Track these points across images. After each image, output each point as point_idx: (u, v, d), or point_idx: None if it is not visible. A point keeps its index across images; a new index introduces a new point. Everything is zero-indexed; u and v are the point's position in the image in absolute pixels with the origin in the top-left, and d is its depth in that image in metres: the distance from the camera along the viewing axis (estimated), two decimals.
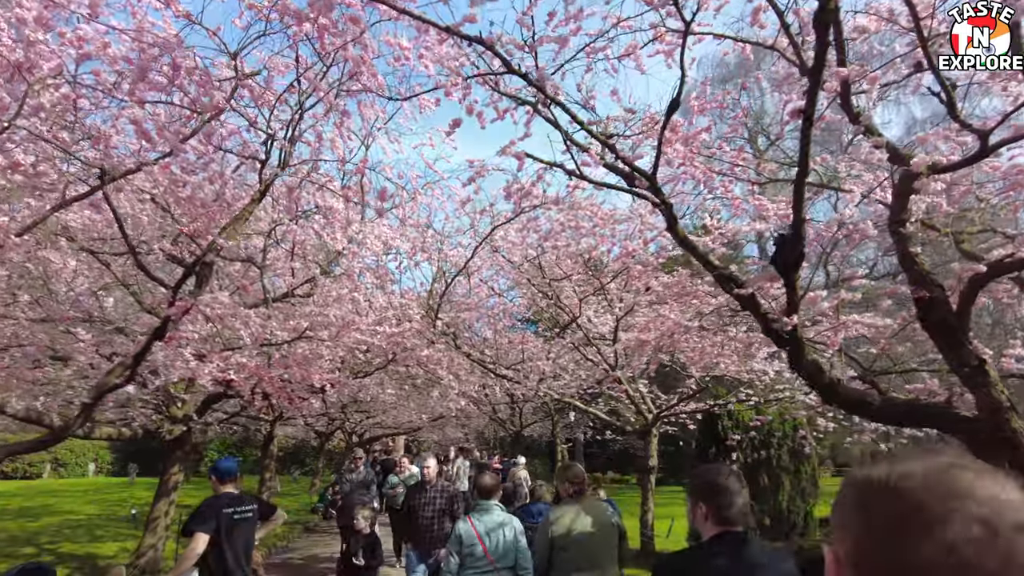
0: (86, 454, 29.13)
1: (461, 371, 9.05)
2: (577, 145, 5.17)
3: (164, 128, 4.23)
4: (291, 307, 7.80)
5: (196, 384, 9.44)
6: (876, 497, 0.71)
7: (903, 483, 0.69)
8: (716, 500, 2.19)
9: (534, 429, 25.59)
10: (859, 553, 0.70)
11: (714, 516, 2.18)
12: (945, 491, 0.66)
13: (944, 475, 0.68)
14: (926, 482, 0.68)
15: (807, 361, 4.19)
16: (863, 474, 0.75)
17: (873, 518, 0.70)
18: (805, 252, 3.60)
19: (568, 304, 9.68)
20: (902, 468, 0.71)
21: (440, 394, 10.01)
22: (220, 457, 23.99)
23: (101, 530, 13.23)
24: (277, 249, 9.17)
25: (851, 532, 0.72)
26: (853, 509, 0.73)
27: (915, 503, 0.66)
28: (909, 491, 0.68)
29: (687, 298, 7.65)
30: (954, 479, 0.67)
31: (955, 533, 0.63)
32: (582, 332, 10.02)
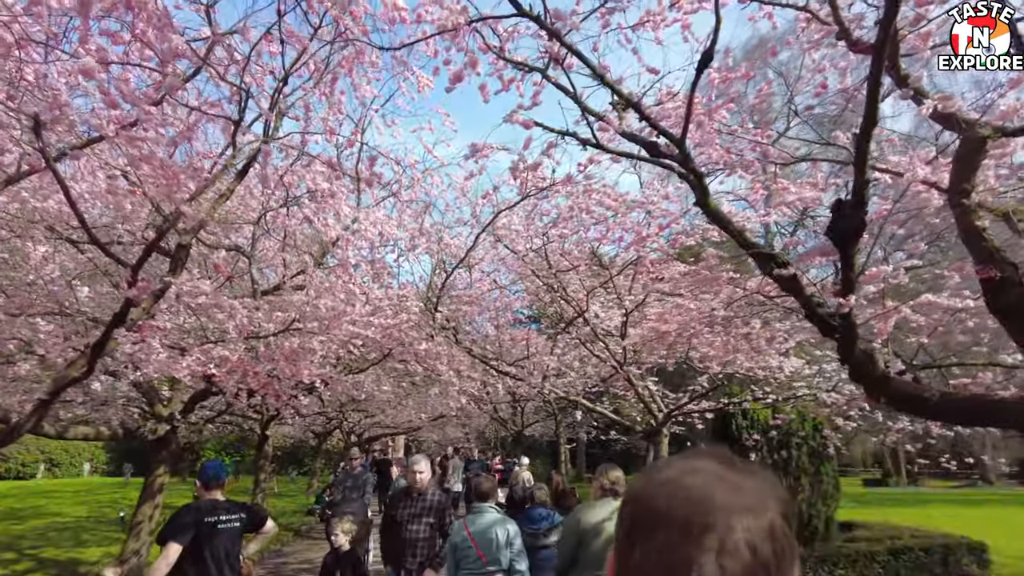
0: (81, 454, 28.58)
1: (462, 367, 8.49)
2: (592, 114, 4.63)
3: (129, 91, 3.67)
4: (280, 299, 7.26)
5: (181, 381, 8.94)
6: (628, 501, 0.77)
7: (644, 490, 0.74)
8: None
9: (535, 429, 25.11)
10: (615, 548, 0.77)
11: None
12: (667, 496, 0.71)
13: (674, 481, 0.72)
14: (657, 489, 0.72)
15: (859, 351, 3.64)
16: (634, 479, 0.82)
17: (622, 519, 0.76)
18: (866, 221, 3.05)
19: (575, 297, 9.14)
20: (651, 475, 0.76)
21: (440, 392, 9.45)
22: (215, 457, 23.54)
23: (88, 533, 12.68)
24: (267, 240, 8.63)
25: (620, 537, 0.76)
26: (620, 519, 0.78)
27: (644, 508, 0.72)
28: (643, 497, 0.73)
29: (712, 285, 7.10)
30: (679, 485, 0.71)
31: (662, 537, 0.68)
32: (589, 327, 9.48)
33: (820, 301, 3.84)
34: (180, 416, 8.84)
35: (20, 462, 26.17)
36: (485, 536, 4.29)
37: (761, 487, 0.72)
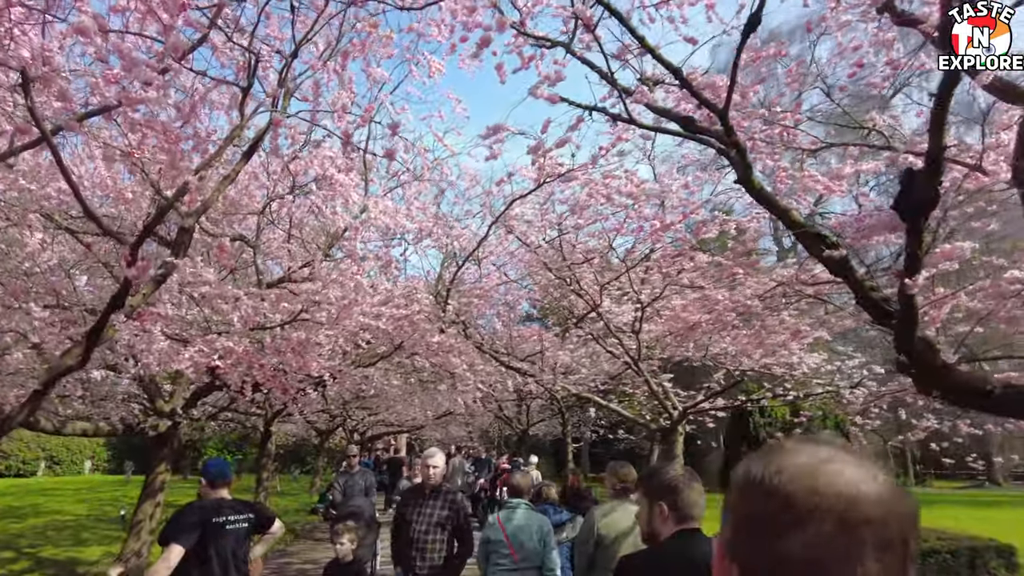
0: (82, 452, 28.32)
1: (476, 362, 8.18)
2: (622, 89, 4.34)
3: (129, 55, 3.37)
4: (287, 290, 6.98)
5: (184, 375, 8.65)
6: (751, 492, 0.73)
7: (774, 480, 0.71)
8: (675, 498, 2.22)
9: (539, 428, 24.76)
10: (735, 545, 0.74)
11: (674, 514, 2.21)
12: (810, 487, 0.68)
13: (813, 471, 0.70)
14: (795, 478, 0.70)
15: (918, 339, 3.35)
16: (744, 468, 0.77)
17: (748, 513, 0.73)
18: (940, 193, 2.75)
19: (588, 291, 8.84)
20: (778, 463, 0.72)
21: (452, 386, 9.15)
22: (217, 455, 23.33)
23: (88, 532, 12.40)
24: (273, 231, 8.34)
25: (730, 525, 0.75)
26: (734, 502, 0.76)
27: (783, 500, 0.69)
28: (778, 488, 0.70)
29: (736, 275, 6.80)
30: (821, 474, 0.69)
31: (813, 530, 0.66)
32: (603, 322, 9.19)
33: (873, 285, 3.55)
34: (182, 412, 8.56)
35: (21, 459, 25.89)
36: (519, 533, 4.23)
37: (889, 478, 0.71)
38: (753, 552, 0.71)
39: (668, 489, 2.25)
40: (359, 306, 5.66)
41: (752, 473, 0.74)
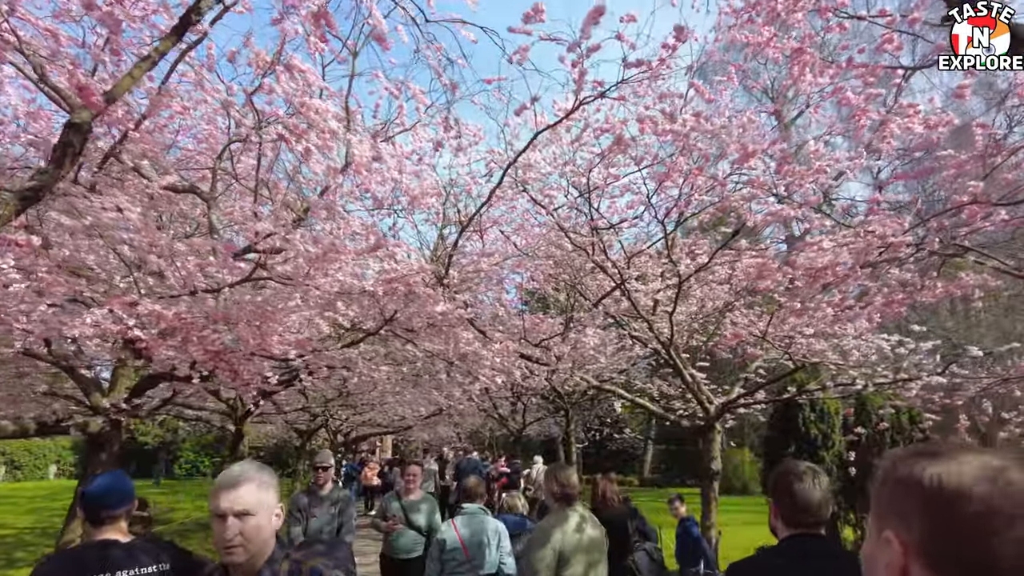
0: (46, 455, 26.15)
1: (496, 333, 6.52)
2: None
3: None
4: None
5: (129, 364, 6.97)
6: (948, 498, 0.73)
7: (974, 486, 0.72)
8: (785, 499, 2.01)
9: (531, 428, 23.21)
10: (930, 548, 0.74)
11: (784, 516, 2.02)
12: (1012, 492, 0.70)
13: (999, 477, 0.72)
14: (994, 484, 0.71)
15: None
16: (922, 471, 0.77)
17: (947, 518, 0.72)
18: None
19: (616, 263, 7.30)
20: (960, 469, 0.74)
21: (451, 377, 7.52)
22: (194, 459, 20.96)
23: (24, 550, 10.57)
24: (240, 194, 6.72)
25: (920, 526, 0.75)
26: (922, 506, 0.75)
27: (989, 506, 0.70)
28: (981, 494, 0.71)
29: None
30: (1009, 481, 0.71)
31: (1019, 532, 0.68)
32: (629, 301, 7.66)
33: None
34: (125, 406, 6.86)
35: None
36: (473, 537, 4.10)
37: None
38: (957, 558, 0.71)
39: (776, 487, 2.04)
40: (335, 262, 4.05)
41: (944, 478, 0.75)
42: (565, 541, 3.22)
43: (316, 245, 4.38)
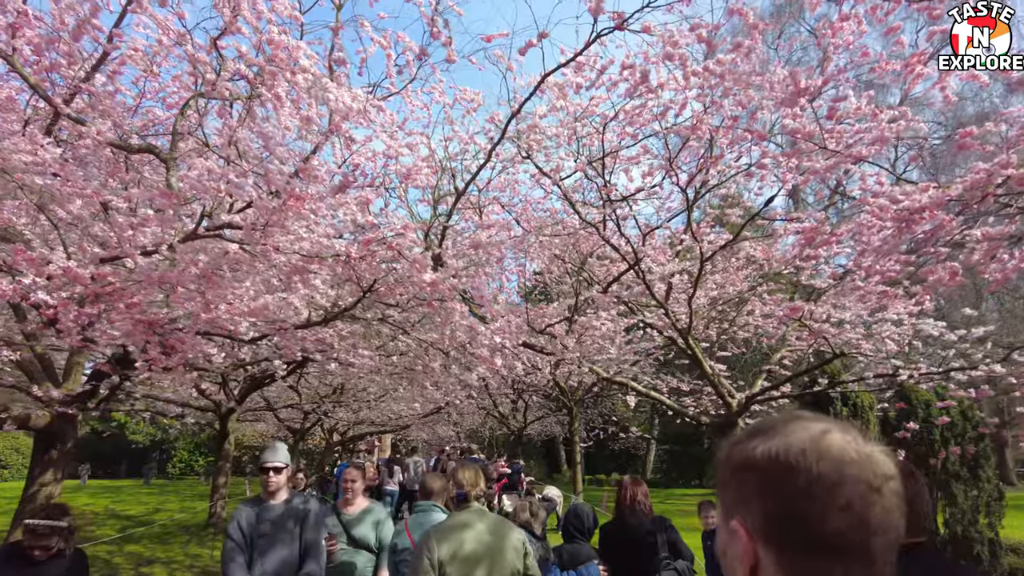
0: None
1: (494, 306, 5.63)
2: None
3: None
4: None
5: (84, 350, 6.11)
6: (778, 472, 0.71)
7: (799, 456, 0.70)
8: None
9: (533, 427, 22.34)
10: (771, 529, 0.71)
11: None
12: (831, 458, 0.68)
13: (824, 443, 0.70)
14: (816, 453, 0.69)
15: None
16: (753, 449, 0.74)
17: (780, 494, 0.70)
18: None
19: (631, 240, 6.46)
20: (787, 441, 0.72)
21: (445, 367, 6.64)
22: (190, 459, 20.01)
23: None
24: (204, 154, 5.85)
25: (759, 508, 0.72)
26: (757, 486, 0.73)
27: (812, 475, 0.68)
28: (805, 463, 0.69)
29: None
30: (832, 445, 0.69)
31: (848, 494, 0.67)
32: (643, 284, 6.81)
33: None
34: (79, 399, 6.01)
35: None
36: None
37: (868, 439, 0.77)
38: (793, 535, 0.69)
39: None
40: (299, 212, 3.18)
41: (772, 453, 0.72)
42: (449, 549, 2.75)
43: (271, 188, 3.50)
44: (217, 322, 3.64)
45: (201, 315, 3.62)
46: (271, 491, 3.39)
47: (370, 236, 3.65)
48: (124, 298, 3.26)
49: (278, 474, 3.44)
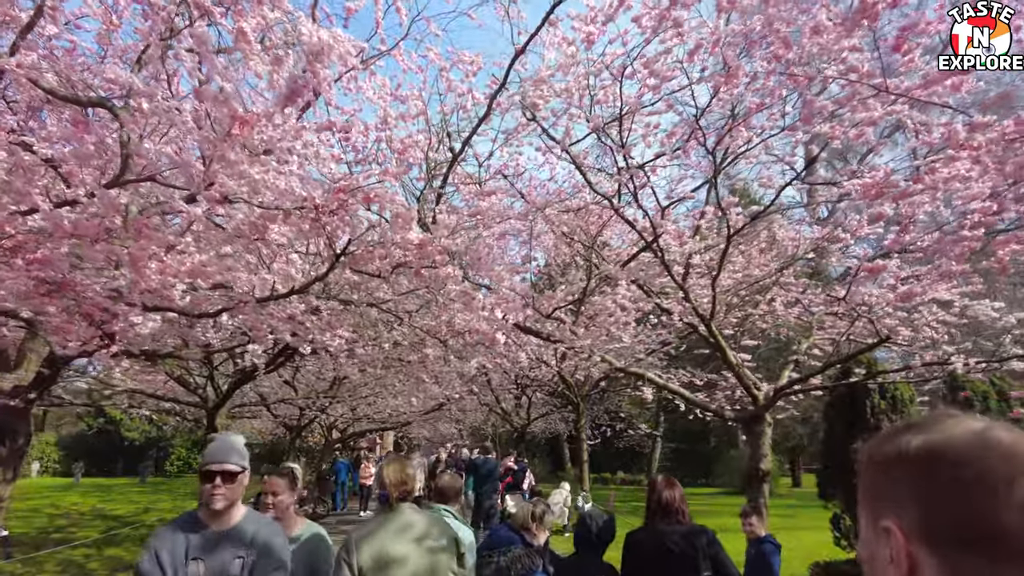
0: (30, 452, 24.58)
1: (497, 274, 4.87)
2: None
3: None
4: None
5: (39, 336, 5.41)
6: (940, 467, 0.63)
7: (962, 450, 0.63)
8: None
9: (537, 424, 21.61)
10: (932, 528, 0.63)
11: None
12: (1003, 452, 0.61)
13: (991, 436, 0.63)
14: (983, 446, 0.62)
15: None
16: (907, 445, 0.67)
17: (943, 489, 0.62)
18: None
19: (650, 212, 5.72)
20: (947, 435, 0.65)
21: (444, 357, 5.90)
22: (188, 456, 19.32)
23: None
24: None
25: (916, 506, 0.64)
26: (914, 482, 0.65)
27: (983, 468, 0.61)
28: (970, 458, 0.62)
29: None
30: (1002, 439, 0.62)
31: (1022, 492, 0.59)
32: (661, 264, 6.08)
33: None
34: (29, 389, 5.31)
35: None
36: None
37: None
38: (961, 533, 0.61)
39: None
40: (250, 138, 2.46)
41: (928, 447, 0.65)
42: (371, 553, 2.52)
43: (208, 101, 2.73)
44: (148, 285, 2.91)
45: (141, 283, 2.90)
46: (215, 509, 2.20)
47: (343, 184, 2.93)
48: (24, 252, 2.55)
49: (229, 483, 2.22)
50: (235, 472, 2.27)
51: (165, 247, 2.71)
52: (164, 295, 2.85)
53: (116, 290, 2.88)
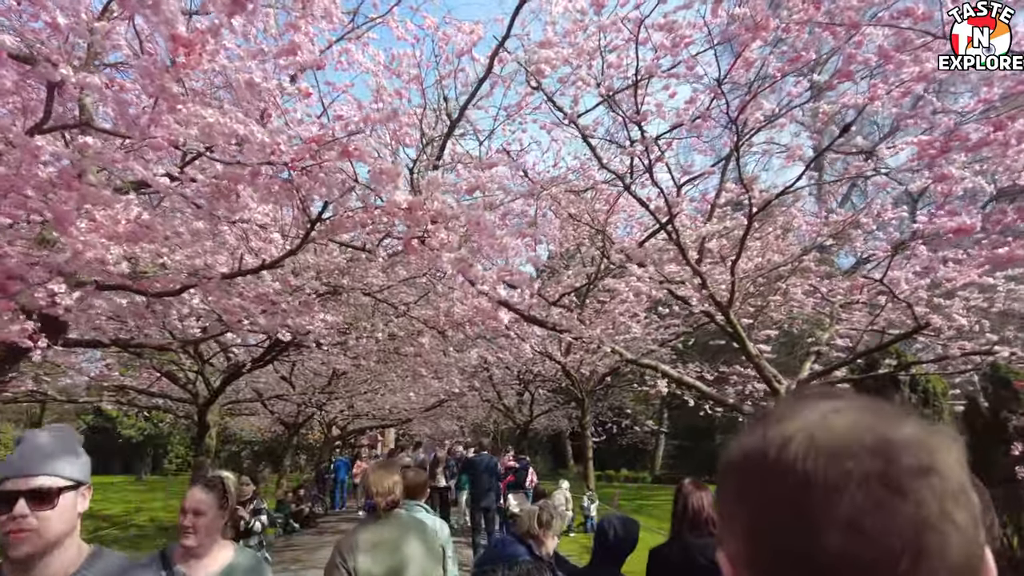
0: None
1: None
2: None
3: None
4: None
5: None
6: (757, 477, 0.49)
7: (783, 452, 0.47)
8: None
9: (539, 421, 21.18)
10: (754, 554, 0.49)
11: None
12: (830, 449, 0.45)
13: (824, 428, 0.47)
14: (808, 444, 0.46)
15: None
16: (736, 448, 0.53)
17: (759, 505, 0.48)
18: None
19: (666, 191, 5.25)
20: (777, 431, 0.49)
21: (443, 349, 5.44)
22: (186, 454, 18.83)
23: None
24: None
25: (738, 526, 0.50)
26: (735, 496, 0.51)
27: (801, 475, 0.45)
28: (791, 461, 0.46)
29: None
30: (835, 430, 0.47)
31: (853, 502, 0.43)
32: (676, 246, 5.61)
33: None
34: None
35: None
36: None
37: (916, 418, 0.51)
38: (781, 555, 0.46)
39: None
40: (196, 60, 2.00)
41: (749, 451, 0.50)
42: (366, 563, 2.46)
43: None
44: (98, 261, 2.45)
45: (78, 246, 2.44)
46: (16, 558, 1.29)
47: (317, 134, 2.47)
48: None
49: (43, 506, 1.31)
50: (50, 491, 1.31)
51: (103, 204, 2.25)
52: (105, 268, 2.39)
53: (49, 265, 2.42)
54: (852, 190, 19.26)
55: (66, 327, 3.46)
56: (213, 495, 2.18)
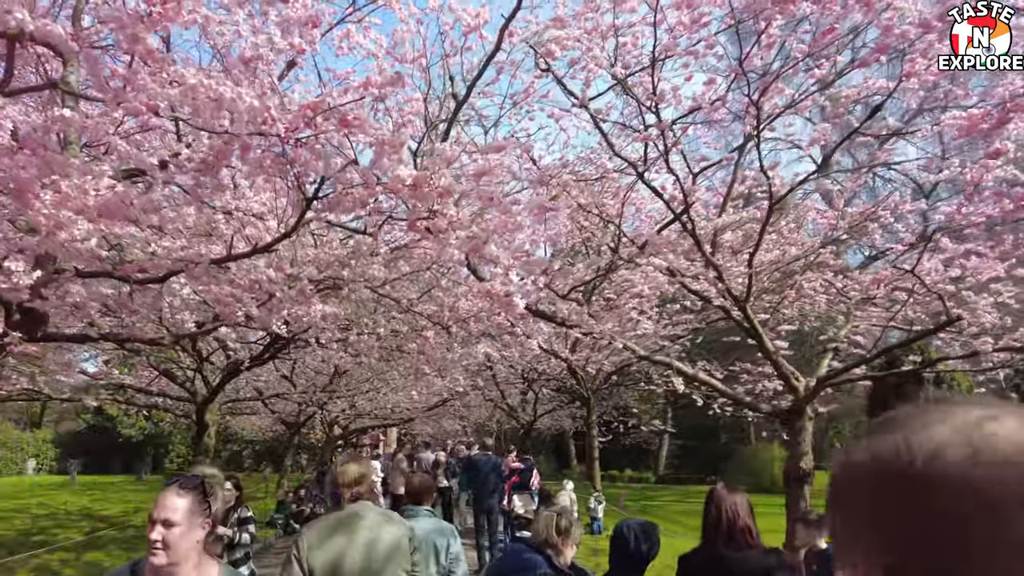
0: (25, 449, 23.94)
1: None
2: None
3: None
4: None
5: None
6: (901, 488, 0.42)
7: (935, 462, 0.41)
8: None
9: (543, 420, 20.93)
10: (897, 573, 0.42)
11: None
12: (995, 459, 0.40)
13: (983, 436, 0.41)
14: (967, 452, 0.40)
15: None
16: (863, 455, 0.45)
17: (906, 521, 0.42)
18: None
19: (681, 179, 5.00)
20: (922, 439, 0.42)
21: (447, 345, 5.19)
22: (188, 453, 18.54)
23: None
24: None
25: (874, 547, 0.43)
26: (870, 511, 0.44)
27: (963, 487, 0.40)
28: (945, 473, 0.40)
29: None
30: (1000, 436, 0.41)
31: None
32: (692, 237, 5.35)
33: None
34: None
35: None
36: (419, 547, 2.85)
37: None
38: None
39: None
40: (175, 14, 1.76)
41: (893, 463, 0.43)
42: (324, 558, 2.34)
43: None
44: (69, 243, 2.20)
45: (42, 224, 2.19)
46: None
47: (312, 101, 2.22)
48: None
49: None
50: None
51: (68, 173, 2.01)
52: (86, 252, 2.14)
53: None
54: (861, 188, 18.97)
55: (46, 319, 3.22)
56: (190, 500, 1.69)
